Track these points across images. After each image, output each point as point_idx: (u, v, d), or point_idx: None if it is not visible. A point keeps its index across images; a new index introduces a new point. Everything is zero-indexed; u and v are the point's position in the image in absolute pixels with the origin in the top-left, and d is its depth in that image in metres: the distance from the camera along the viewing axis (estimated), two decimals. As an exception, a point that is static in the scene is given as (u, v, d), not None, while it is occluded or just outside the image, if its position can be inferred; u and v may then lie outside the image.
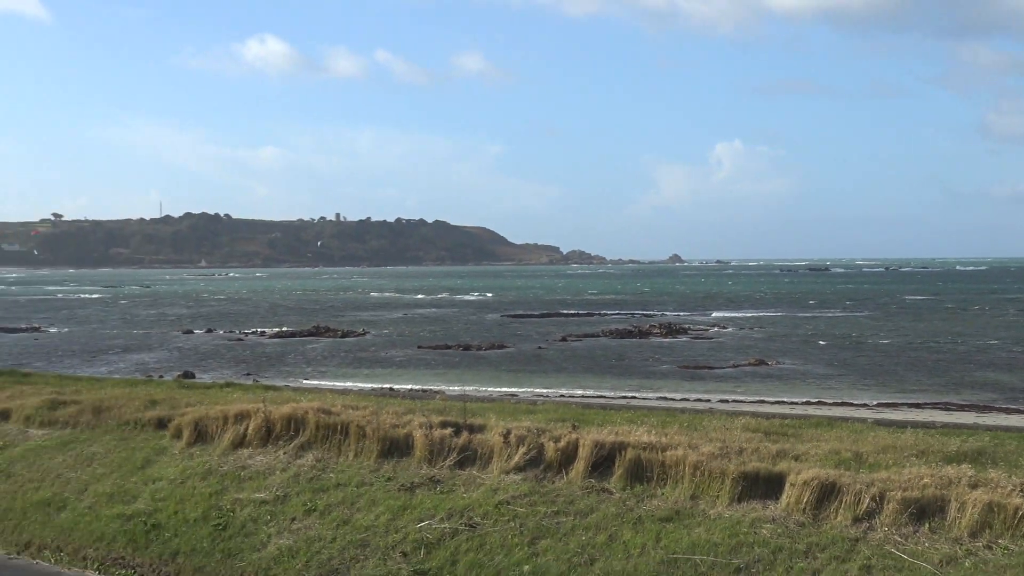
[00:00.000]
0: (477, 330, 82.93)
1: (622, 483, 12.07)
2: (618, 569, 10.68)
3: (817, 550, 10.28)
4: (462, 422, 14.01)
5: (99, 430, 16.60)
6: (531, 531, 11.56)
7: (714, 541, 10.72)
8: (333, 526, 12.67)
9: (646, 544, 10.93)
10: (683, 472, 11.78)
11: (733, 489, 11.38)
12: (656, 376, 49.18)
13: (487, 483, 12.74)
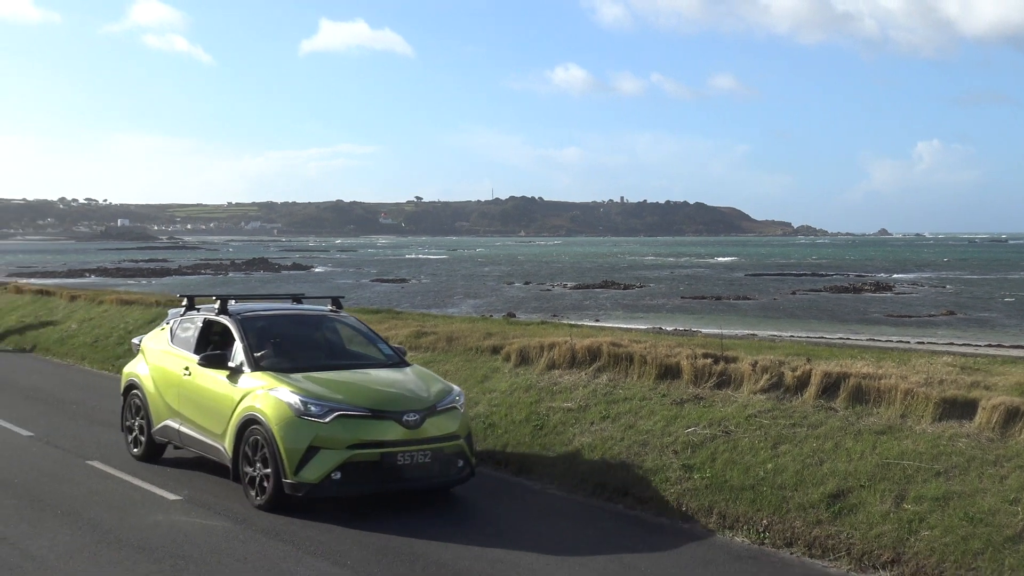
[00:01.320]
0: (726, 285, 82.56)
1: (845, 404, 12.03)
2: (841, 469, 10.73)
3: (1003, 460, 10.14)
4: (719, 354, 14.12)
5: (451, 353, 17.34)
6: (773, 438, 11.67)
7: (919, 450, 10.64)
8: (621, 429, 13.01)
9: (864, 451, 10.92)
10: (895, 396, 11.68)
11: (935, 411, 11.23)
12: (867, 322, 48.31)
13: (739, 400, 12.87)
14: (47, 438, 14.84)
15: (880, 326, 46.20)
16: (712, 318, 49.60)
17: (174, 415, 12.47)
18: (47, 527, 10.29)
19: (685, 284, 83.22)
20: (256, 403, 10.84)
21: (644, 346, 15.14)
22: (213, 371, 11.73)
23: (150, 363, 13.30)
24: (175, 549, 9.63)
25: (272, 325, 12.67)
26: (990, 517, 9.30)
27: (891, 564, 9.27)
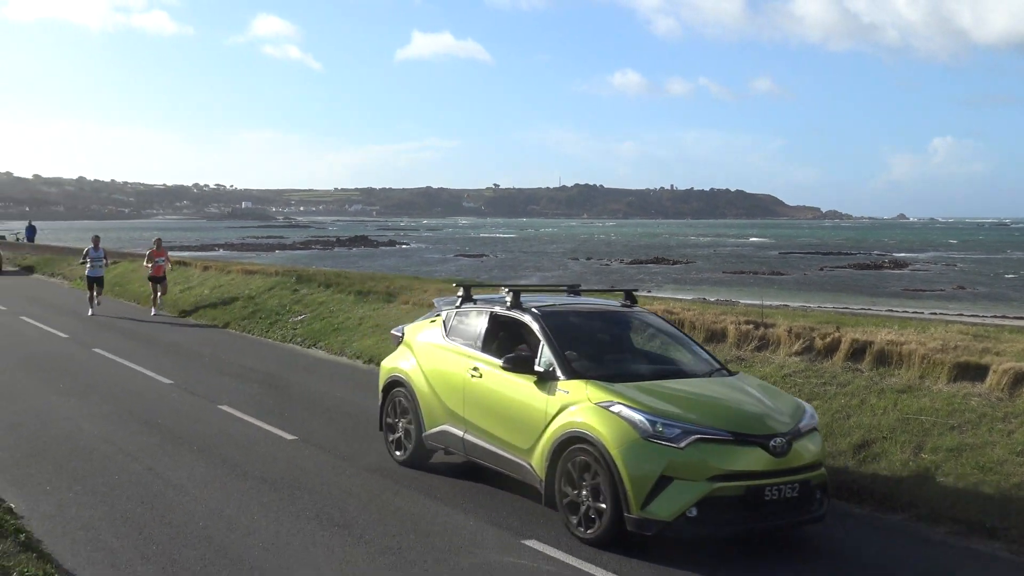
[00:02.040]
0: (762, 262, 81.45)
1: (870, 366, 11.90)
2: (866, 422, 10.65)
3: (1011, 417, 9.99)
4: (759, 320, 14.01)
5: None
6: (807, 395, 11.57)
7: (936, 407, 10.51)
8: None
9: (886, 407, 10.81)
10: (914, 360, 11.51)
11: (950, 373, 11.07)
12: (886, 295, 47.68)
13: (775, 362, 12.79)
14: (184, 386, 15.18)
15: (898, 299, 45.55)
16: (750, 290, 49.14)
17: (455, 420, 9.72)
18: (185, 460, 10.56)
19: (726, 261, 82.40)
20: (583, 418, 8.06)
21: (693, 313, 15.07)
22: (514, 375, 8.94)
23: (420, 359, 10.45)
24: (292, 480, 9.84)
25: (575, 323, 9.81)
26: (998, 467, 9.18)
27: (909, 507, 9.17)
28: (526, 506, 9.09)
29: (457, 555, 7.77)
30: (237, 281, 27.69)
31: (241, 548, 7.81)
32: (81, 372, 16.24)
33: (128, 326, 23.10)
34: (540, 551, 7.88)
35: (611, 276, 60.59)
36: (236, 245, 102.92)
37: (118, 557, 7.55)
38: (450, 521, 8.62)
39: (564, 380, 8.49)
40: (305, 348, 20.08)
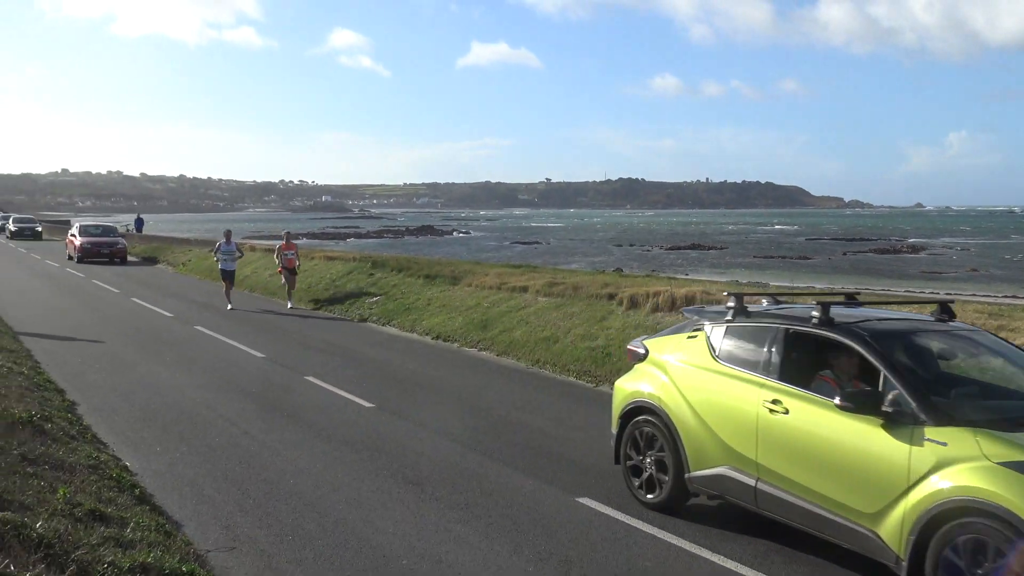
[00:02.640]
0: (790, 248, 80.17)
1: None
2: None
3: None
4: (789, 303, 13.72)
5: (576, 299, 17.28)
6: (833, 367, 11.29)
7: (953, 379, 10.19)
8: (711, 359, 12.77)
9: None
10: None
11: (966, 349, 10.69)
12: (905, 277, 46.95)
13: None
14: (275, 358, 15.35)
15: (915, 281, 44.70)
16: (779, 273, 48.70)
17: (742, 464, 7.09)
18: (276, 425, 10.68)
19: (757, 247, 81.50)
20: (983, 483, 5.28)
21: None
22: (848, 417, 6.18)
23: (679, 383, 7.78)
24: (370, 443, 9.91)
25: (913, 345, 7.04)
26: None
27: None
28: (581, 468, 9.07)
29: (518, 511, 7.77)
30: (319, 267, 27.95)
31: (327, 503, 7.89)
32: (184, 347, 16.50)
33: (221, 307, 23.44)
34: (593, 508, 7.86)
35: (652, 262, 60.09)
36: (317, 234, 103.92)
37: (219, 509, 7.67)
38: (511, 481, 8.62)
39: (933, 427, 5.73)
40: (380, 326, 20.22)
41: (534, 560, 6.69)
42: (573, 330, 15.67)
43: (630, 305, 15.78)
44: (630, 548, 6.95)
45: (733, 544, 7.04)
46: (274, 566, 6.51)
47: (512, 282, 19.54)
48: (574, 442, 10.10)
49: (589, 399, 12.57)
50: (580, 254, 70.71)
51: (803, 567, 6.61)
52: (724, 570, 6.55)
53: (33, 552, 5.09)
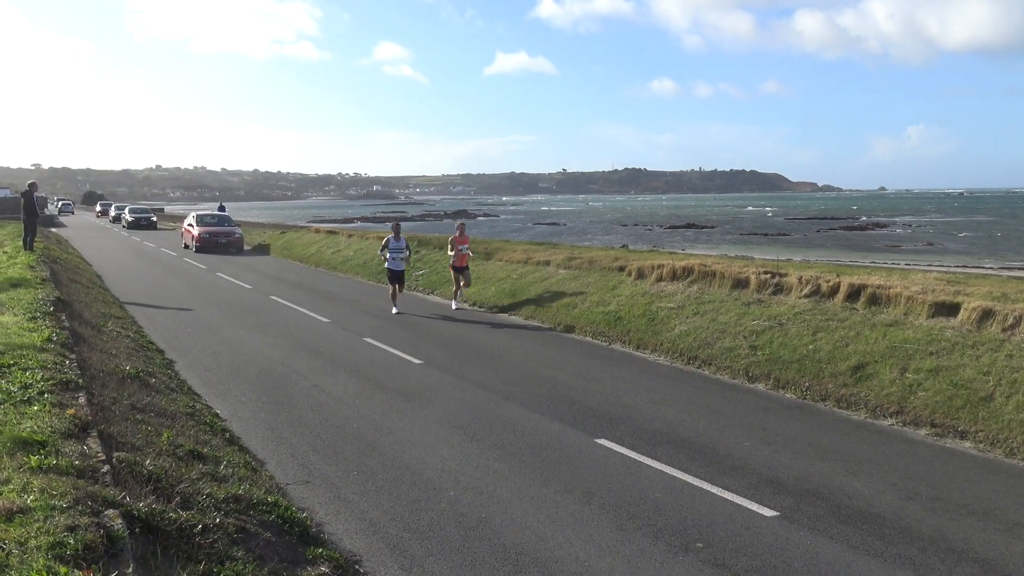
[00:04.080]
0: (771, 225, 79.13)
1: (864, 305, 11.49)
2: (861, 349, 10.32)
3: (979, 345, 9.55)
4: (774, 271, 13.61)
5: (591, 271, 17.16)
6: (812, 328, 11.24)
7: (917, 337, 10.12)
8: (707, 321, 12.71)
9: (878, 337, 10.44)
10: (900, 300, 11.09)
11: (929, 311, 10.63)
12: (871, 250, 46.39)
13: (788, 303, 12.42)
14: (338, 323, 15.40)
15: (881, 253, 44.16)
16: (763, 248, 48.17)
17: None
18: (340, 378, 10.73)
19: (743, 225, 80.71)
20: None
21: (722, 266, 14.75)
22: None
23: None
24: (420, 393, 9.93)
25: None
26: (968, 384, 8.83)
27: (896, 414, 8.90)
28: (598, 414, 9.06)
29: (546, 449, 7.78)
30: (373, 245, 27.94)
31: (385, 443, 7.93)
32: (262, 314, 16.60)
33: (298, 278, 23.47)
34: (608, 447, 7.85)
35: (653, 239, 59.66)
36: (370, 218, 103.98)
37: (296, 449, 7.73)
38: (539, 425, 8.62)
39: None
40: (425, 295, 20.22)
41: (561, 491, 6.69)
42: (589, 297, 15.59)
43: (638, 276, 15.67)
44: (642, 481, 6.94)
45: (730, 478, 7.01)
46: (342, 496, 6.56)
47: (536, 257, 19.45)
48: (591, 392, 10.07)
49: (604, 356, 12.52)
50: (592, 233, 70.30)
51: (789, 498, 6.57)
52: (723, 500, 6.53)
53: (144, 485, 5.15)
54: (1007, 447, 7.77)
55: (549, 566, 5.37)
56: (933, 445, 8.11)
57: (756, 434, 8.33)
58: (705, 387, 10.55)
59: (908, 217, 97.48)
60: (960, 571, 5.33)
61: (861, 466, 7.38)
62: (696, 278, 14.50)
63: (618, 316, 14.17)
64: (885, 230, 70.83)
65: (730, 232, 70.04)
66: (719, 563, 5.40)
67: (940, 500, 6.57)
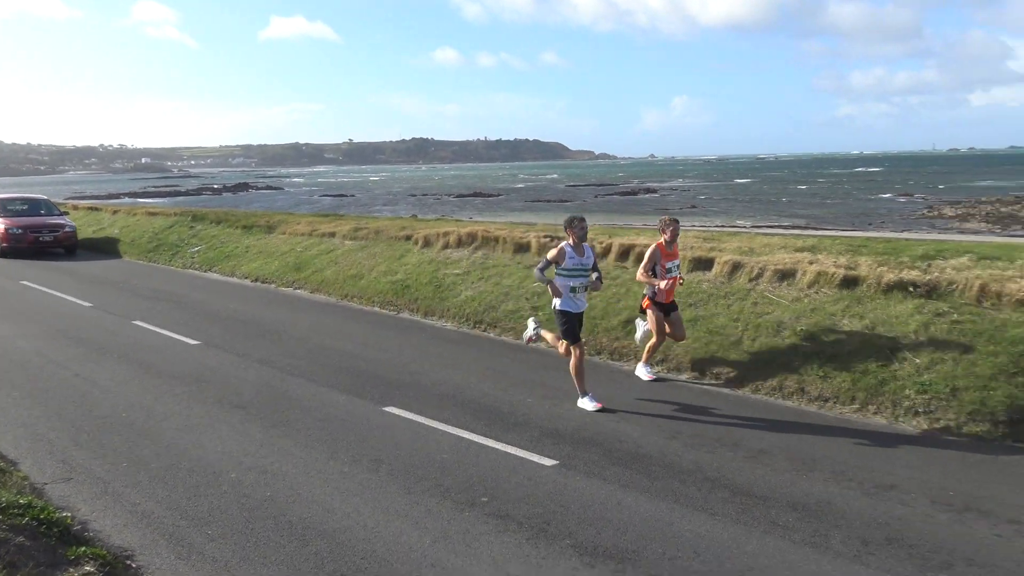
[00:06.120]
0: (554, 192, 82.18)
1: (633, 264, 12.24)
2: (631, 304, 11.05)
3: (730, 295, 10.47)
4: (552, 235, 14.17)
5: (378, 241, 17.00)
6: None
7: (679, 290, 10.83)
8: (491, 285, 13.02)
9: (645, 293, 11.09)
10: (663, 258, 11.85)
11: (688, 265, 11.51)
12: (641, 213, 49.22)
13: (566, 264, 12.93)
14: (103, 307, 14.21)
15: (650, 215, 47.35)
16: (546, 214, 50.04)
17: None
18: (107, 366, 9.94)
19: (527, 193, 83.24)
20: None
21: (504, 232, 15.13)
22: None
23: None
24: (197, 375, 9.44)
25: None
26: (722, 330, 9.71)
27: (662, 362, 9.63)
28: (386, 383, 9.05)
29: (333, 422, 7.68)
30: (142, 222, 25.94)
31: (159, 431, 7.47)
32: (8, 299, 14.95)
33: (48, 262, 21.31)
34: (397, 414, 7.89)
35: (442, 208, 60.11)
36: (139, 193, 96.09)
37: (54, 446, 7.08)
38: (326, 398, 8.49)
39: None
40: (203, 272, 19.12)
41: (348, 462, 6.65)
42: (376, 267, 15.47)
43: (424, 244, 15.73)
44: (429, 445, 7.04)
45: (514, 434, 7.29)
46: (111, 491, 6.11)
47: (321, 229, 18.97)
48: (380, 362, 10.05)
49: (392, 325, 12.51)
50: (381, 204, 69.47)
51: (568, 447, 6.95)
52: (507, 455, 6.78)
53: None
54: (754, 384, 8.69)
55: (337, 536, 5.34)
56: (694, 387, 8.89)
57: (538, 390, 8.71)
58: (491, 349, 10.86)
59: (676, 182, 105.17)
60: (714, 496, 5.92)
61: (631, 413, 7.95)
62: (480, 244, 14.79)
63: (405, 285, 14.19)
64: (656, 195, 75.85)
65: (516, 199, 72.01)
66: (503, 514, 5.62)
67: (698, 436, 7.23)
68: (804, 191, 76.24)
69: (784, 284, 10.34)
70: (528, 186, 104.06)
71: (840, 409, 7.92)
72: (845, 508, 5.70)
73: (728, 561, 4.94)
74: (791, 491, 6.00)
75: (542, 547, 5.16)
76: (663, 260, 8.87)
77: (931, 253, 10.08)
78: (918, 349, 8.16)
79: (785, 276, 10.45)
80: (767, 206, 55.67)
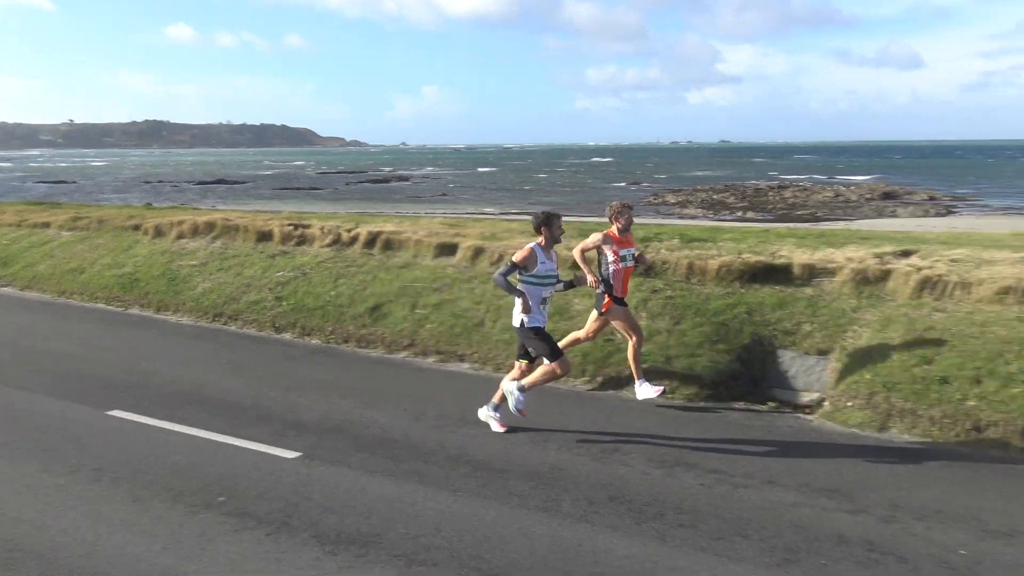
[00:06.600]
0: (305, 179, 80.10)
1: (380, 251, 12.28)
2: (378, 291, 11.00)
3: (473, 279, 10.85)
4: (298, 223, 13.80)
5: (101, 231, 15.58)
6: (335, 275, 11.69)
7: (424, 276, 11.13)
8: (232, 276, 12.46)
9: (391, 279, 11.25)
10: (410, 244, 12.08)
11: (434, 252, 11.74)
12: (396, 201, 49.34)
13: (311, 253, 12.73)
14: None
15: (403, 203, 47.67)
16: (295, 202, 48.53)
17: None
18: None
19: (275, 180, 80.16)
20: None
21: (246, 220, 14.51)
22: None
23: None
24: None
25: None
26: (465, 313, 10.02)
27: (409, 347, 9.75)
28: (111, 384, 8.33)
29: (48, 432, 6.94)
30: None
31: None
32: None
33: None
34: (124, 418, 7.30)
35: (181, 196, 56.13)
36: None
37: None
38: (40, 406, 7.65)
39: None
40: None
41: (65, 474, 6.05)
42: (100, 260, 14.15)
43: (156, 234, 14.65)
44: (160, 447, 6.60)
45: (255, 428, 7.03)
46: None
47: (33, 219, 16.99)
48: (104, 362, 9.23)
49: (119, 322, 11.53)
50: (110, 191, 63.48)
51: (312, 437, 6.83)
52: (247, 451, 6.52)
53: None
54: (495, 363, 9.06)
55: (51, 555, 4.85)
56: (439, 370, 9.10)
57: (281, 382, 8.47)
58: (231, 342, 10.38)
59: (428, 169, 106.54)
60: (456, 473, 6.11)
61: (377, 398, 7.98)
62: (219, 233, 14.05)
63: (135, 278, 13.13)
64: (408, 183, 76.33)
65: (264, 187, 69.03)
66: (241, 512, 5.41)
67: (442, 417, 7.42)
68: (544, 179, 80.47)
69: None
70: (276, 173, 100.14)
71: (573, 383, 8.49)
72: (575, 473, 6.14)
73: (468, 534, 5.13)
74: (527, 462, 6.35)
75: (283, 541, 5.04)
76: (616, 247, 7.65)
77: (649, 236, 11.08)
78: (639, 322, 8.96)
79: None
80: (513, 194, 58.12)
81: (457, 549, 4.93)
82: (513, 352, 8.91)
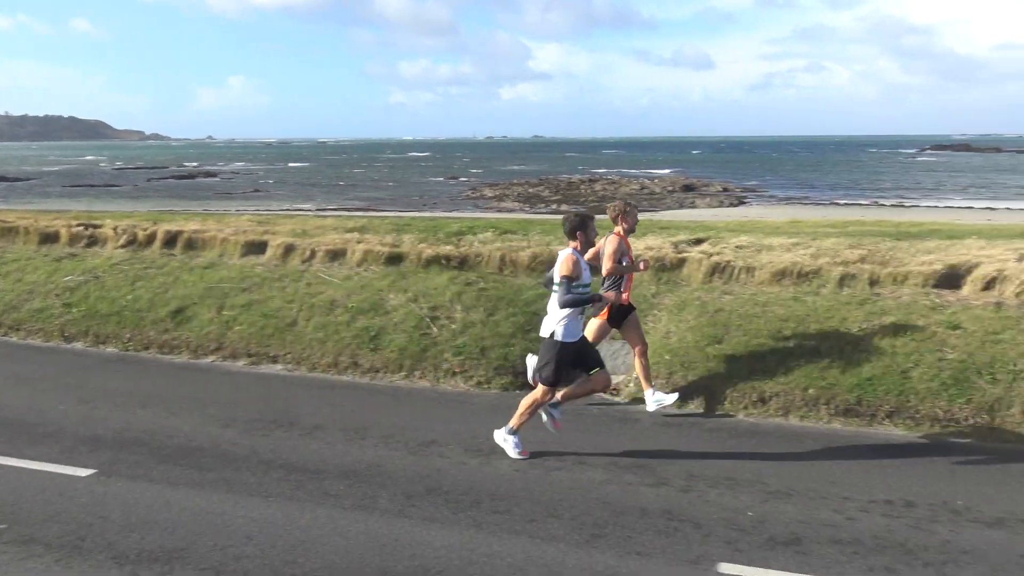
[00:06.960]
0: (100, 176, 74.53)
1: (182, 250, 11.68)
2: (181, 293, 10.44)
3: (285, 277, 10.54)
4: (88, 222, 12.80)
5: None
6: (131, 278, 10.95)
7: (232, 276, 10.69)
8: (11, 283, 11.36)
9: (195, 280, 10.71)
10: (215, 243, 11.57)
11: (241, 250, 11.35)
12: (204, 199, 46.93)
13: (104, 254, 11.88)
14: None
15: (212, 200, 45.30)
16: (87, 200, 44.84)
17: None
18: None
19: (64, 177, 73.66)
20: None
21: (26, 221, 13.27)
22: None
23: None
24: None
25: None
26: (277, 313, 9.70)
27: (217, 351, 9.31)
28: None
29: None
30: None
31: None
32: None
33: None
34: None
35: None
36: None
37: None
38: None
39: None
40: None
41: None
42: None
43: (-85, 238, 13.03)
44: (-74, 475, 5.91)
45: (41, 447, 6.45)
46: None
47: None
48: None
49: None
50: None
51: (108, 452, 6.37)
52: (32, 472, 5.96)
53: None
54: (310, 363, 8.85)
55: None
56: (250, 373, 8.76)
57: (73, 395, 7.83)
58: (13, 354, 9.45)
59: (238, 164, 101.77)
60: (268, 478, 5.91)
61: (183, 405, 7.56)
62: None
63: None
64: (217, 179, 72.63)
65: (51, 184, 63.19)
66: (26, 539, 4.96)
67: (254, 422, 7.15)
68: (361, 174, 79.40)
69: (336, 264, 10.70)
70: (65, 169, 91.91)
71: (390, 378, 8.46)
72: (392, 468, 6.12)
73: (280, 539, 4.99)
74: (343, 460, 6.26)
75: (75, 566, 4.67)
76: (628, 250, 7.13)
77: (463, 229, 11.24)
78: (453, 316, 9.07)
79: (336, 256, 10.81)
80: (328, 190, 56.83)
81: (269, 556, 4.79)
82: (328, 350, 8.74)
